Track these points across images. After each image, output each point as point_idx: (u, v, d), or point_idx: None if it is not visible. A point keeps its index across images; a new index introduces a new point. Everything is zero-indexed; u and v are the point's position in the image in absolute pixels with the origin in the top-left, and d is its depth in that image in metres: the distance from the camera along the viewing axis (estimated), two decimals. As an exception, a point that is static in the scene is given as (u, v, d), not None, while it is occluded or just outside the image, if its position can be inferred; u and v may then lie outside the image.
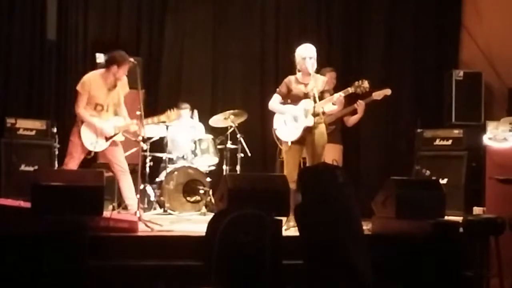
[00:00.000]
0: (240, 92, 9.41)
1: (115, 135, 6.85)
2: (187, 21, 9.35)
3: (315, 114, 6.47)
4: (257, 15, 9.55)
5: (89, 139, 6.75)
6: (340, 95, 6.60)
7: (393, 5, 9.57)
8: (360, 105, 7.73)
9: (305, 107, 6.56)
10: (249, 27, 9.52)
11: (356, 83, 6.61)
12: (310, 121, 6.51)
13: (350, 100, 7.53)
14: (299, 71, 6.77)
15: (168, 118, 7.14)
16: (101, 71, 6.97)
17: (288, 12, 9.60)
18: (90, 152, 6.88)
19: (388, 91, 7.55)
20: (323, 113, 6.78)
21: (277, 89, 6.87)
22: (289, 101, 6.78)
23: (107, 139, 6.82)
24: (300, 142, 6.65)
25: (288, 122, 6.71)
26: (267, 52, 9.54)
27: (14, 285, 4.91)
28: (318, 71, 6.79)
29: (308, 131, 6.56)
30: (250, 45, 9.50)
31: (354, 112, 7.93)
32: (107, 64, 6.88)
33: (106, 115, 6.86)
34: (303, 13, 9.62)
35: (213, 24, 9.45)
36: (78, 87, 6.81)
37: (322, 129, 6.67)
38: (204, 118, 8.76)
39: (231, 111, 8.38)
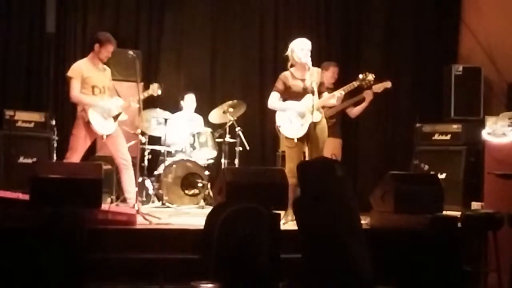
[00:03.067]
0: (239, 86, 9.40)
1: (119, 113, 6.86)
2: (186, 14, 9.33)
3: (318, 109, 6.46)
4: (256, 7, 9.53)
5: (100, 123, 6.72)
6: (340, 93, 6.59)
7: (393, 0, 9.55)
8: (368, 95, 7.71)
9: (309, 103, 6.52)
10: (248, 19, 9.50)
11: (361, 76, 6.60)
12: (316, 117, 6.48)
13: (351, 91, 7.52)
14: (291, 66, 6.73)
15: (153, 91, 7.12)
16: (86, 58, 6.96)
17: (287, 4, 9.58)
18: (95, 140, 6.89)
19: (388, 84, 7.55)
20: (324, 106, 6.77)
21: (274, 87, 6.81)
22: (286, 97, 6.75)
23: (114, 118, 6.82)
24: (305, 137, 6.63)
25: (293, 119, 6.66)
26: (267, 45, 9.51)
27: (12, 278, 4.91)
28: (319, 65, 6.79)
29: (312, 126, 6.54)
30: (249, 38, 9.49)
31: (357, 103, 7.92)
32: (91, 45, 6.91)
33: (106, 97, 6.86)
34: (302, 5, 9.60)
35: (212, 17, 9.43)
36: (69, 73, 6.78)
37: (324, 124, 6.67)
38: (203, 111, 8.76)
39: (229, 102, 8.38)
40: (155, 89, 7.09)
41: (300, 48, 6.62)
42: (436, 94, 9.01)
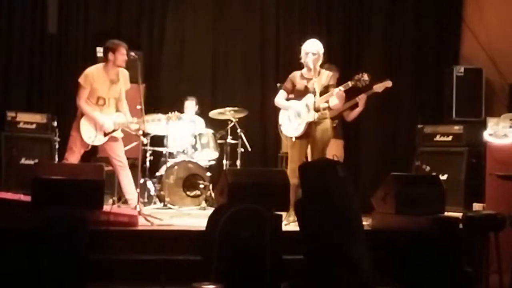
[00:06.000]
0: (241, 87, 9.40)
1: (114, 131, 6.83)
2: (188, 16, 9.33)
3: (316, 109, 6.47)
4: (257, 8, 9.52)
5: (88, 133, 6.72)
6: (340, 89, 6.59)
7: (394, 1, 9.55)
8: (361, 99, 7.73)
9: (307, 102, 6.57)
10: (250, 21, 9.50)
11: (356, 76, 6.60)
12: (312, 116, 6.50)
13: (349, 94, 7.52)
14: (304, 66, 6.78)
15: (167, 119, 7.17)
16: (102, 64, 6.94)
17: (289, 6, 9.58)
18: (88, 145, 6.87)
19: (389, 83, 7.54)
20: (329, 108, 6.78)
21: (283, 86, 6.91)
22: (293, 96, 6.80)
23: (105, 134, 6.80)
24: (305, 137, 6.65)
25: (292, 118, 6.73)
26: (268, 46, 9.51)
27: (14, 279, 4.92)
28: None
29: (312, 126, 6.56)
30: (250, 39, 9.49)
31: (354, 106, 7.93)
32: (104, 56, 6.89)
33: (108, 109, 6.82)
34: (303, 7, 9.60)
35: (214, 18, 9.42)
36: (81, 80, 6.77)
37: (326, 125, 6.65)
38: (204, 113, 8.76)
39: (231, 108, 8.39)
40: (172, 118, 7.16)
41: (305, 52, 6.69)
42: (438, 95, 9.01)
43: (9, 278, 4.91)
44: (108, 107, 6.84)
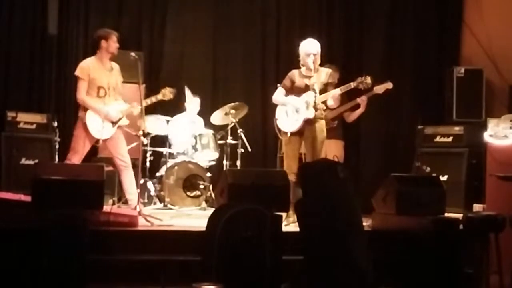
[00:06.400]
0: (241, 87, 9.39)
1: (119, 119, 6.84)
2: (189, 15, 9.33)
3: (316, 107, 6.47)
4: (258, 8, 9.53)
5: (96, 127, 6.70)
6: (336, 92, 6.60)
7: (394, 2, 9.55)
8: (363, 100, 7.74)
9: (306, 99, 6.58)
10: (250, 21, 9.50)
11: (359, 78, 6.62)
12: (311, 113, 6.52)
13: (351, 95, 7.53)
14: (302, 65, 6.78)
15: (164, 96, 7.11)
16: (95, 56, 6.95)
17: (290, 5, 9.58)
18: (98, 140, 6.87)
19: (389, 85, 7.55)
20: (326, 107, 6.78)
21: (282, 83, 6.92)
22: (292, 95, 6.80)
23: (113, 124, 6.80)
24: (300, 134, 6.68)
25: (290, 113, 6.75)
26: (268, 46, 9.51)
27: (14, 279, 4.91)
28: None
29: (308, 124, 6.58)
30: (251, 39, 9.49)
31: (355, 107, 7.93)
32: (96, 45, 6.92)
33: (109, 99, 6.84)
34: (304, 7, 9.60)
35: (214, 18, 9.43)
36: (77, 72, 6.79)
37: (322, 125, 6.67)
38: (205, 112, 8.76)
39: (232, 104, 8.39)
40: (166, 94, 7.09)
41: (305, 53, 6.69)
42: (438, 96, 9.00)
43: (9, 278, 4.91)
44: (109, 97, 6.85)
